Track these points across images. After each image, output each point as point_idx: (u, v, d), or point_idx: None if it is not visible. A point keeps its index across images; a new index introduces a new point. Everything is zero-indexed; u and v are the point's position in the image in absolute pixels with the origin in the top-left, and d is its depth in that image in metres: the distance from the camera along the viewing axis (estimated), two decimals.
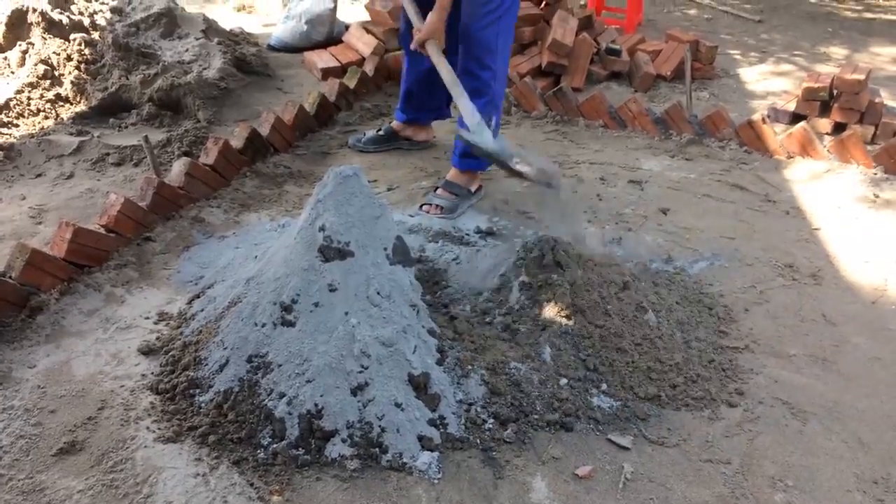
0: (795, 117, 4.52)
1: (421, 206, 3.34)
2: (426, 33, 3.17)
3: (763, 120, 4.06)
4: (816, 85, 4.42)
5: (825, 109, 4.49)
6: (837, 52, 6.30)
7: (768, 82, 5.49)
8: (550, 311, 2.38)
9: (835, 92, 4.41)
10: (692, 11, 7.51)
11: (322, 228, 2.27)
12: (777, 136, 4.05)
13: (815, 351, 2.56)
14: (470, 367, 2.26)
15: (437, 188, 3.45)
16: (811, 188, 3.71)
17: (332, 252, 2.24)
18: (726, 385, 2.37)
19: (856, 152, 3.85)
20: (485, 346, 2.35)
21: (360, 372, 2.14)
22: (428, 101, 3.82)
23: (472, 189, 3.46)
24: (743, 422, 2.24)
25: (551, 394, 2.22)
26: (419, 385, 2.17)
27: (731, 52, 6.17)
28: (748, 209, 3.51)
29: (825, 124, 4.45)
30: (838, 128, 4.40)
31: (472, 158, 3.38)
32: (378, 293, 2.29)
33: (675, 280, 2.84)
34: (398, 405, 2.12)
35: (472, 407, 2.18)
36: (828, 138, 4.24)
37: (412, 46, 3.28)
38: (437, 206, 3.31)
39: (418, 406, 2.15)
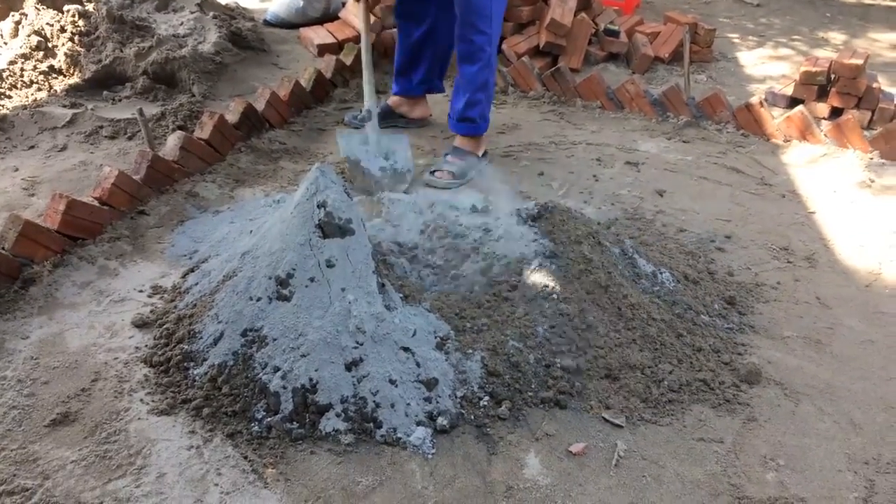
0: (793, 101, 4.51)
1: (433, 172, 3.43)
2: None
3: (761, 103, 4.06)
4: (814, 69, 4.41)
5: (823, 94, 4.48)
6: (836, 37, 6.28)
7: (766, 66, 5.47)
8: (546, 283, 2.37)
9: (833, 76, 4.40)
10: None
11: (322, 205, 2.25)
12: (774, 119, 4.05)
13: (809, 333, 2.57)
14: (471, 350, 2.25)
15: (447, 154, 3.53)
16: (807, 172, 3.71)
17: (333, 228, 2.23)
18: (720, 365, 2.37)
19: (853, 137, 3.85)
20: (485, 324, 2.34)
21: (355, 348, 2.13)
22: (415, 72, 3.85)
23: (480, 154, 3.55)
24: (736, 402, 2.24)
25: (546, 371, 2.22)
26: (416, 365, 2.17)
27: (730, 35, 6.15)
28: (744, 192, 3.51)
29: (822, 109, 4.44)
30: (835, 112, 4.39)
31: (468, 123, 3.47)
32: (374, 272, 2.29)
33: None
34: (392, 381, 2.12)
35: (469, 385, 2.18)
36: (825, 123, 4.23)
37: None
38: (447, 171, 3.42)
39: (413, 383, 2.15)
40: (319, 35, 5.00)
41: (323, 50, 4.81)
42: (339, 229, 2.26)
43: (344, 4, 5.37)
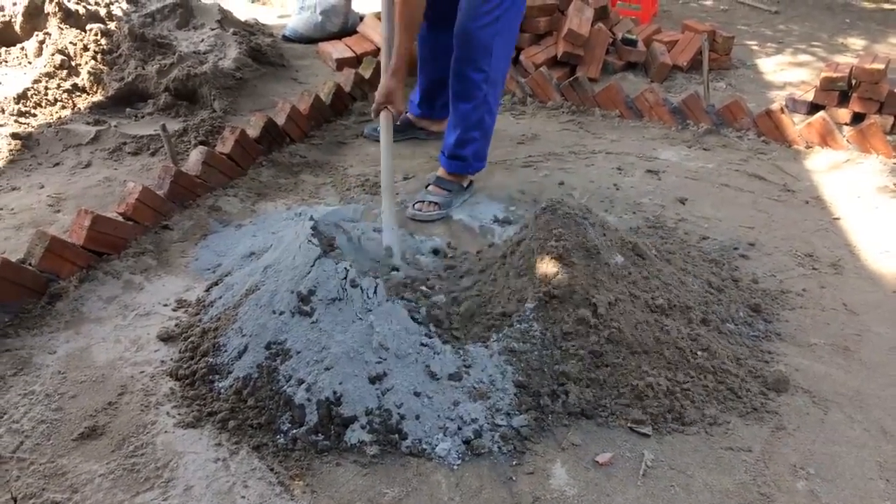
0: (813, 107, 4.48)
1: (414, 205, 3.25)
2: (379, 99, 3.05)
3: (781, 109, 4.03)
4: (835, 74, 4.38)
5: (844, 99, 4.45)
6: (855, 42, 6.24)
7: (786, 73, 5.44)
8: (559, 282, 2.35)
9: (853, 82, 4.37)
10: (708, 2, 7.45)
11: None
12: (796, 126, 4.02)
13: (836, 340, 2.54)
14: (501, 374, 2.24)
15: (428, 185, 3.38)
16: (830, 178, 3.68)
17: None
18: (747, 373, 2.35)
19: (875, 142, 3.81)
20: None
21: (379, 363, 2.14)
22: (437, 100, 3.82)
23: (465, 184, 3.41)
24: (763, 410, 2.22)
25: (574, 380, 2.21)
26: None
27: (748, 42, 6.12)
28: (767, 199, 3.48)
29: (844, 114, 4.41)
30: (857, 118, 4.36)
31: (458, 161, 3.34)
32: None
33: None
34: (417, 394, 2.12)
35: (496, 400, 2.17)
36: (847, 128, 4.20)
37: (373, 113, 3.13)
38: (431, 202, 3.25)
39: (437, 395, 2.14)
40: (338, 49, 5.03)
41: (342, 64, 4.85)
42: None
43: (362, 19, 5.41)
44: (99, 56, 4.33)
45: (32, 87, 4.11)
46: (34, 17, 4.64)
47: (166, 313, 2.57)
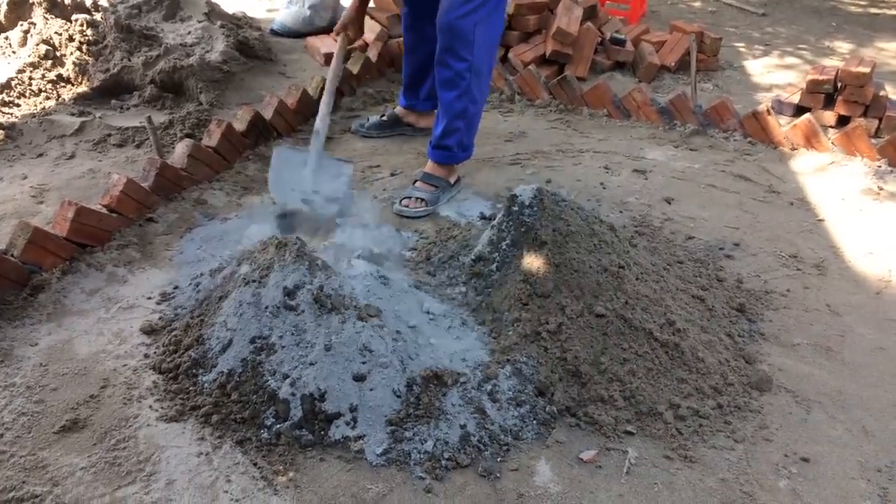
0: (799, 109, 4.50)
1: (401, 201, 3.25)
2: (341, 23, 3.57)
3: (768, 111, 4.05)
4: (821, 77, 4.41)
5: (829, 102, 4.47)
6: (842, 46, 6.28)
7: (773, 75, 5.47)
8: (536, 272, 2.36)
9: (839, 85, 4.39)
10: (696, 4, 7.47)
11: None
12: (781, 127, 4.04)
13: (819, 340, 2.56)
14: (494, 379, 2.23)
15: (415, 181, 3.36)
16: (815, 180, 3.70)
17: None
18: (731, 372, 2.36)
19: (860, 145, 3.84)
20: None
21: (363, 363, 2.12)
22: (422, 88, 3.83)
23: (452, 181, 3.39)
24: (747, 409, 2.23)
25: (559, 378, 2.21)
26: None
27: (736, 44, 6.15)
28: (752, 200, 3.50)
29: (829, 117, 4.43)
30: (842, 121, 4.38)
31: (443, 151, 3.33)
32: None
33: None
34: (398, 396, 2.11)
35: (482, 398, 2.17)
36: (832, 131, 4.23)
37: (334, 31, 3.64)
38: (417, 199, 3.24)
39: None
40: (326, 44, 5.01)
41: (329, 59, 4.81)
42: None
43: None
44: (84, 47, 4.29)
45: (16, 77, 4.06)
46: (19, 7, 4.59)
47: (150, 306, 2.55)
